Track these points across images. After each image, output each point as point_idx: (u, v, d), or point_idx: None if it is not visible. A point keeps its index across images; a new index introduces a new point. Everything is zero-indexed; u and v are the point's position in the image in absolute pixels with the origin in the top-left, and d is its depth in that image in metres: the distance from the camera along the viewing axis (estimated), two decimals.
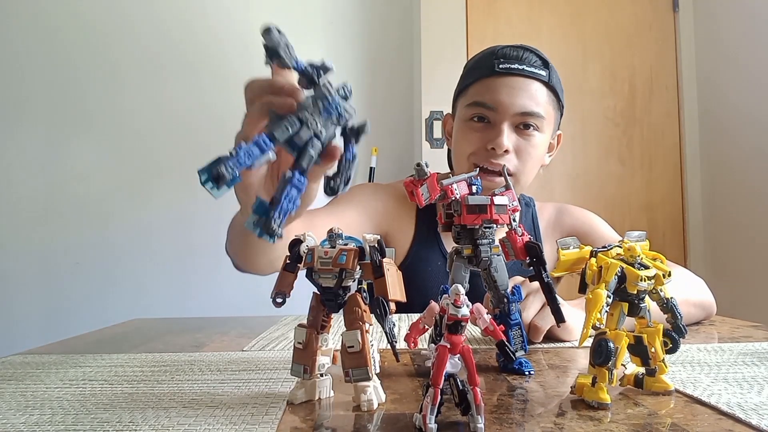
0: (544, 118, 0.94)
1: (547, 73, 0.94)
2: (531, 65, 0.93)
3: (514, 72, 0.92)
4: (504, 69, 0.92)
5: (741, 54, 2.17)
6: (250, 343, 0.71)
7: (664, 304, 0.46)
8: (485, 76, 0.94)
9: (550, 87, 0.95)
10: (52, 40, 2.43)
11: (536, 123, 0.94)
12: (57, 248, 2.36)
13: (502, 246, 0.55)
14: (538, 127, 0.94)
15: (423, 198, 0.50)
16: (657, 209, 2.41)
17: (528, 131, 0.94)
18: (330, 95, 0.42)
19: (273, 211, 0.40)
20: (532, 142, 0.94)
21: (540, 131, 0.95)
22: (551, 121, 0.97)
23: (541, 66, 0.94)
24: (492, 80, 0.93)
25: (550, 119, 0.96)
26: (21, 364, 0.60)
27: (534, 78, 0.93)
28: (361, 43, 2.56)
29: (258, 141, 0.40)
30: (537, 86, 0.93)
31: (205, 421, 0.40)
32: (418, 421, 0.37)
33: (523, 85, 0.92)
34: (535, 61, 0.94)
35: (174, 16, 2.48)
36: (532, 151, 0.95)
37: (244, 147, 0.39)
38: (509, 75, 0.92)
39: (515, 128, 0.93)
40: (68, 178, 2.42)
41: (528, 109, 0.92)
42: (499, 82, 0.93)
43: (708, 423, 0.38)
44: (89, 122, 2.44)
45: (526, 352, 0.57)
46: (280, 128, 0.41)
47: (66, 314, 2.28)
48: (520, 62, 0.92)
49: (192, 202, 2.38)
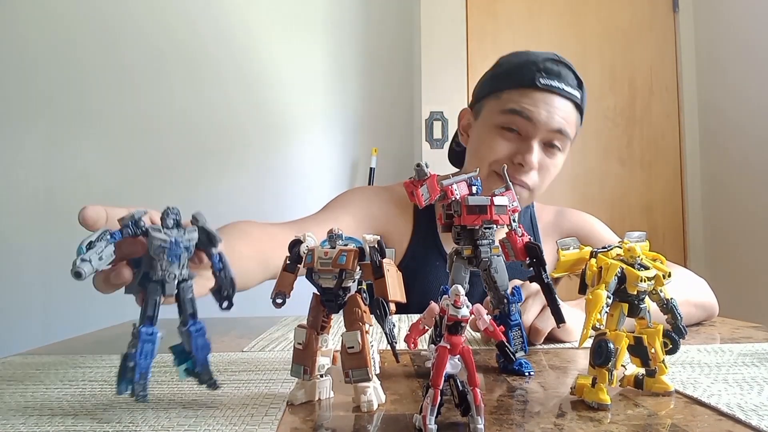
0: (570, 140, 0.95)
1: (581, 95, 0.94)
2: (569, 85, 0.92)
3: (554, 90, 0.91)
4: (545, 85, 0.91)
5: (741, 54, 2.17)
6: (250, 343, 0.71)
7: (664, 304, 0.46)
8: (525, 86, 0.92)
9: (580, 109, 0.95)
10: (53, 40, 2.43)
11: (561, 143, 0.94)
12: (57, 248, 2.35)
13: (502, 246, 0.55)
14: (562, 147, 0.95)
15: (423, 198, 0.50)
16: (657, 209, 2.41)
17: (553, 150, 0.94)
18: (166, 244, 0.41)
19: (134, 374, 0.40)
20: (554, 161, 0.95)
21: (563, 151, 0.96)
22: (572, 141, 0.97)
23: (577, 87, 0.93)
24: (532, 93, 0.91)
25: (572, 140, 0.97)
26: (21, 365, 0.60)
27: (570, 98, 0.92)
28: (361, 43, 2.56)
29: (143, 338, 0.40)
30: (570, 107, 0.93)
31: (205, 422, 0.40)
32: (418, 422, 0.37)
33: (561, 105, 0.91)
34: (573, 80, 0.93)
35: (176, 16, 2.48)
36: (553, 170, 0.96)
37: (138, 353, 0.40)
38: (549, 92, 0.91)
39: (542, 145, 0.93)
40: (69, 178, 2.42)
41: (560, 128, 0.91)
42: (538, 96, 0.91)
43: (708, 424, 0.38)
44: (90, 122, 2.44)
45: (526, 353, 0.56)
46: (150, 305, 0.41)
47: (66, 314, 2.28)
48: (560, 80, 0.91)
49: (192, 201, 2.38)
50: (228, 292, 0.44)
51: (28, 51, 2.43)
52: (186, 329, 0.43)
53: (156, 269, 0.41)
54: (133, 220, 0.41)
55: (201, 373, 0.43)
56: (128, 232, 0.41)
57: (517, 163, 0.92)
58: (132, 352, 0.40)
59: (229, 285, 0.44)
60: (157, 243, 0.40)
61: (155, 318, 0.41)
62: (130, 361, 0.40)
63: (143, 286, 0.42)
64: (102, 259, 0.39)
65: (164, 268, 0.41)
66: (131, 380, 0.40)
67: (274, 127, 2.50)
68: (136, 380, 0.40)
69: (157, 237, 0.40)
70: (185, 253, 0.42)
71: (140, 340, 0.40)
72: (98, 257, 0.39)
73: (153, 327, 0.41)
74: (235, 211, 2.41)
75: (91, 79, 2.44)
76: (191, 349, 0.43)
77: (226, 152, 2.48)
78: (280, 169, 2.50)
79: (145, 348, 0.40)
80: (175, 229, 0.42)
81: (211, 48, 2.47)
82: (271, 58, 2.49)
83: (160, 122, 2.45)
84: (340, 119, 2.54)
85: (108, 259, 0.39)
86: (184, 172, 2.45)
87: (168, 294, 0.42)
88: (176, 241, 0.41)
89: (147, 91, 2.45)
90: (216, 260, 0.44)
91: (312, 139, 2.53)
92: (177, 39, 2.47)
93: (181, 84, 2.46)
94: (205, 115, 2.46)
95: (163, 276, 0.41)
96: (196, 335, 0.43)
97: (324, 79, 2.53)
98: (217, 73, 2.47)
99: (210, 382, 0.43)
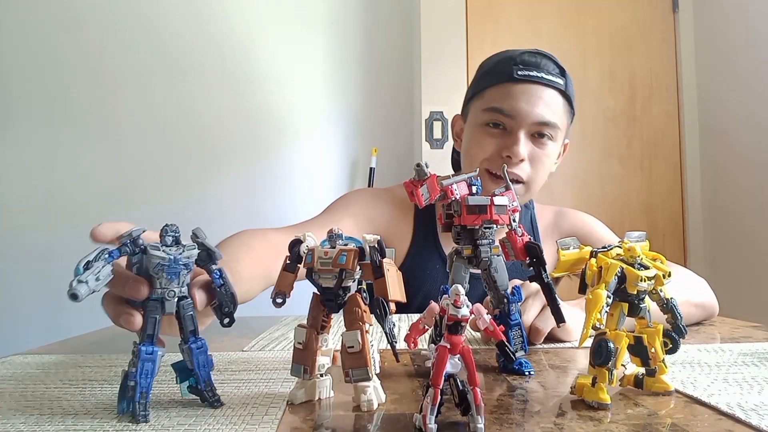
0: (559, 128, 0.94)
1: (564, 82, 0.93)
2: (549, 73, 0.92)
3: (533, 79, 0.91)
4: (523, 76, 0.91)
5: (741, 54, 2.17)
6: (250, 343, 0.71)
7: (664, 304, 0.46)
8: (503, 81, 0.93)
9: (566, 96, 0.95)
10: (51, 42, 2.43)
11: (551, 132, 0.93)
12: (57, 248, 2.36)
13: (502, 246, 0.55)
14: (552, 136, 0.94)
15: (423, 198, 0.50)
16: (657, 209, 2.41)
17: (542, 140, 0.94)
18: (165, 262, 0.41)
19: (134, 393, 0.40)
20: (545, 151, 0.94)
21: (553, 140, 0.95)
22: (563, 129, 0.97)
23: (559, 74, 0.93)
24: (510, 86, 0.92)
25: (563, 128, 0.96)
26: (21, 364, 0.60)
27: (552, 86, 0.92)
28: (361, 43, 2.56)
29: (143, 357, 0.40)
30: (554, 95, 0.93)
31: (205, 421, 0.40)
32: (418, 422, 0.37)
33: (542, 94, 0.91)
34: (553, 68, 0.93)
35: (178, 16, 2.48)
36: (545, 160, 0.95)
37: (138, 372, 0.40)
38: (528, 82, 0.91)
39: (530, 136, 0.93)
40: (68, 179, 2.42)
41: (545, 119, 0.91)
42: (517, 89, 0.92)
43: (708, 423, 0.38)
44: (89, 123, 2.44)
45: (526, 353, 0.56)
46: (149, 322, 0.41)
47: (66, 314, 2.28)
48: (539, 69, 0.91)
49: (190, 203, 2.38)
50: (229, 309, 0.44)
51: (30, 51, 2.43)
52: (187, 346, 0.43)
53: (155, 287, 0.41)
54: (131, 239, 0.41)
55: (204, 390, 0.43)
56: (126, 251, 0.41)
57: (506, 156, 0.92)
58: (132, 371, 0.40)
59: (229, 301, 0.44)
60: (156, 261, 0.40)
61: (155, 336, 0.41)
62: (130, 380, 0.40)
63: (142, 304, 0.42)
64: (99, 280, 0.39)
65: (163, 285, 0.41)
66: (132, 399, 0.40)
67: (274, 127, 2.50)
68: (136, 399, 0.40)
69: (155, 255, 0.41)
70: (184, 270, 0.42)
71: (140, 359, 0.40)
72: (95, 278, 0.38)
73: (153, 345, 0.41)
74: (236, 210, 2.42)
75: (92, 79, 2.44)
76: (193, 366, 0.43)
77: (226, 152, 2.48)
78: (280, 169, 2.50)
79: (145, 367, 0.40)
80: (174, 247, 0.42)
81: (211, 48, 2.47)
82: (272, 58, 2.49)
83: (161, 122, 2.45)
84: (340, 119, 2.54)
85: (105, 280, 0.39)
86: (184, 172, 2.45)
87: (167, 312, 0.42)
88: (175, 259, 0.41)
89: (148, 91, 2.45)
90: (216, 276, 0.44)
91: (312, 139, 2.53)
92: (178, 39, 2.47)
93: (182, 84, 2.46)
94: (205, 115, 2.46)
95: (163, 294, 0.41)
96: (198, 352, 0.43)
97: (324, 79, 2.53)
98: (218, 73, 2.47)
99: (213, 399, 0.43)
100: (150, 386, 0.40)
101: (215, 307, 0.44)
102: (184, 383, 0.44)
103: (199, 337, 0.43)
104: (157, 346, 0.41)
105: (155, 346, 0.41)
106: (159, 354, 0.41)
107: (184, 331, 0.43)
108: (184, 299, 0.42)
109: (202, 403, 0.43)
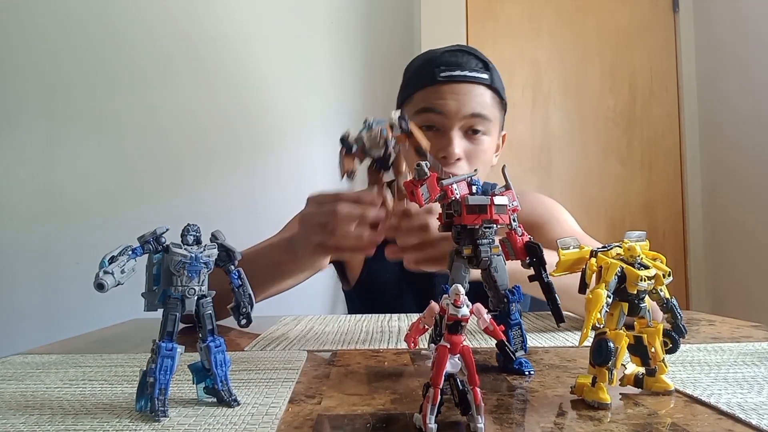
0: (491, 121, 0.94)
1: (489, 75, 0.93)
2: (472, 70, 0.92)
3: (456, 79, 0.91)
4: (446, 77, 0.91)
5: (741, 54, 2.17)
6: (250, 343, 0.71)
7: (664, 304, 0.46)
8: (428, 84, 0.93)
9: (493, 89, 0.94)
10: (52, 39, 2.43)
11: (484, 127, 0.93)
12: (57, 248, 2.36)
13: (502, 246, 0.55)
14: (485, 131, 0.94)
15: (423, 198, 0.50)
16: (657, 209, 2.40)
17: (476, 136, 0.94)
18: (186, 260, 0.41)
19: (153, 390, 0.40)
20: (482, 147, 0.94)
21: (487, 135, 0.95)
22: (497, 122, 0.97)
23: (483, 69, 0.93)
24: (435, 89, 0.92)
25: (495, 121, 0.96)
26: (21, 364, 0.60)
27: (477, 82, 0.92)
28: (361, 43, 2.56)
29: (162, 354, 0.41)
30: (481, 90, 0.93)
31: (205, 421, 0.40)
32: (418, 421, 0.37)
33: (468, 90, 0.91)
34: (476, 64, 0.93)
35: (177, 16, 2.47)
36: (482, 156, 0.95)
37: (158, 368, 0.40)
38: (452, 82, 0.91)
39: (464, 134, 0.93)
40: (68, 178, 2.41)
41: (475, 111, 0.91)
42: (444, 89, 0.91)
43: (708, 423, 0.38)
44: (90, 122, 2.44)
45: (526, 352, 0.56)
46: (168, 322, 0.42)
47: (66, 314, 2.28)
48: (462, 68, 0.91)
49: (193, 202, 2.38)
50: (246, 309, 0.45)
51: (30, 50, 2.43)
52: (206, 345, 0.43)
53: (176, 285, 0.42)
54: (155, 236, 0.42)
55: (221, 390, 0.43)
56: (149, 248, 0.42)
57: (441, 157, 0.91)
58: (152, 368, 0.41)
59: (247, 302, 0.45)
60: (178, 258, 0.41)
61: (174, 333, 0.42)
62: (149, 377, 0.40)
63: (162, 302, 0.42)
64: (124, 273, 0.40)
65: (184, 283, 0.42)
66: (150, 396, 0.40)
67: (274, 127, 2.50)
68: (155, 396, 0.40)
69: (177, 253, 0.41)
70: (204, 268, 0.43)
71: (160, 355, 0.41)
72: (120, 270, 0.39)
73: (173, 342, 0.42)
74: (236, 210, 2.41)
75: (92, 78, 2.44)
76: (211, 365, 0.43)
77: (225, 152, 2.48)
78: (280, 169, 2.50)
79: (164, 363, 0.41)
80: (195, 246, 0.43)
81: (211, 48, 2.47)
82: (271, 58, 2.49)
83: (162, 122, 2.45)
84: (340, 119, 2.54)
85: (130, 273, 0.40)
86: (185, 172, 2.45)
87: (187, 310, 0.42)
88: (196, 257, 0.42)
89: (148, 90, 2.45)
90: (235, 277, 0.45)
91: (312, 139, 2.52)
92: (178, 39, 2.46)
93: (182, 84, 2.46)
94: (204, 114, 2.46)
95: (183, 291, 0.42)
96: (216, 351, 0.43)
97: (324, 79, 2.53)
98: (218, 73, 2.47)
99: (230, 399, 0.43)
100: (169, 383, 0.41)
101: (233, 307, 0.45)
102: (201, 384, 0.44)
103: (217, 336, 0.44)
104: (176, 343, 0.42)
105: (175, 343, 0.42)
106: (178, 351, 0.42)
107: (203, 330, 0.44)
108: (204, 297, 0.43)
109: (219, 403, 0.43)
